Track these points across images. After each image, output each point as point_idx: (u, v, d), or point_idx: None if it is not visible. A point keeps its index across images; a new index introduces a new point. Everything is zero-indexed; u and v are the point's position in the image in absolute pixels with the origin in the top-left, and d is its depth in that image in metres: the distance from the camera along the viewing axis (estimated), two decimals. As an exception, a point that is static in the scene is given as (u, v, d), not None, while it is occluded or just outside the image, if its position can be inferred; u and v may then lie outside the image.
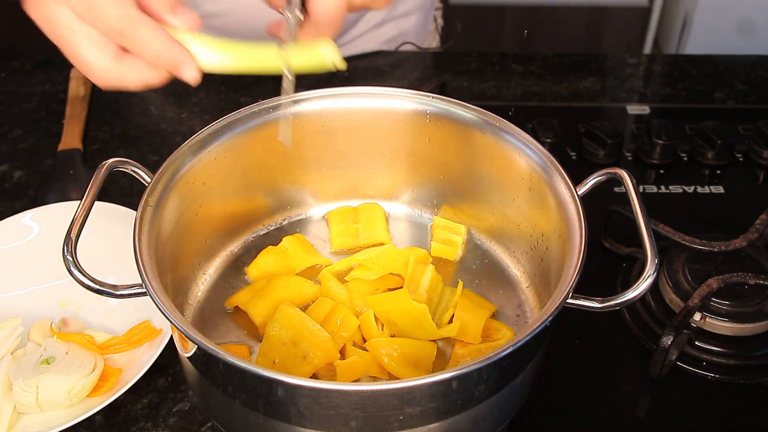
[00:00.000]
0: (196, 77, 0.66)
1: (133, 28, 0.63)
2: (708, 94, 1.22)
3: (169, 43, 0.64)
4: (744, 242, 0.87)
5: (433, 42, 1.37)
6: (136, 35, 0.63)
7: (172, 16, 0.66)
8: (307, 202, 0.89)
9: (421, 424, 0.61)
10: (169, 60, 0.65)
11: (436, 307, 0.77)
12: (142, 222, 0.68)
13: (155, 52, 0.64)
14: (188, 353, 0.65)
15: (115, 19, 0.62)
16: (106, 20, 0.62)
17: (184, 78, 0.66)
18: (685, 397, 0.79)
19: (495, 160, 0.79)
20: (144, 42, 0.63)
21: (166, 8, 0.65)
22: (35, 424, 0.73)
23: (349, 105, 0.81)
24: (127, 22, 0.62)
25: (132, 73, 0.65)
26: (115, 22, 0.62)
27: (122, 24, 0.62)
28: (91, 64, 0.64)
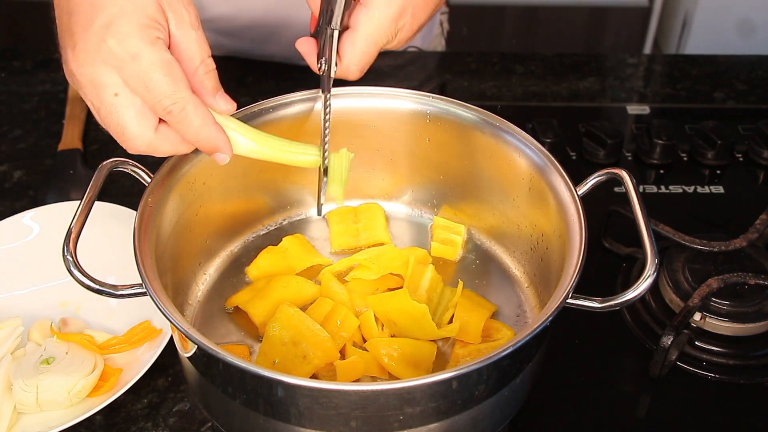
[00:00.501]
0: (226, 161, 0.69)
1: (182, 108, 0.63)
2: (708, 94, 1.22)
3: (213, 128, 0.66)
4: (744, 242, 0.87)
5: (438, 46, 1.38)
6: (183, 116, 0.63)
7: (215, 99, 0.66)
8: (307, 202, 0.89)
9: (421, 424, 0.61)
10: (210, 144, 0.66)
11: (436, 307, 0.77)
12: (142, 222, 0.68)
13: (198, 135, 0.65)
14: (188, 353, 0.65)
15: (166, 97, 0.62)
16: (157, 95, 0.62)
17: (216, 161, 0.68)
18: (685, 397, 0.79)
19: (495, 160, 0.79)
20: (190, 123, 0.64)
21: (211, 92, 0.66)
22: (35, 424, 0.73)
23: (349, 105, 0.81)
24: (179, 103, 0.63)
25: (166, 145, 0.65)
26: (167, 100, 0.62)
27: (173, 103, 0.62)
28: (128, 131, 0.64)
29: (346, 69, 0.73)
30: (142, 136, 0.64)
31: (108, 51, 0.62)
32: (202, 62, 0.65)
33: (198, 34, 0.65)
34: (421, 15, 0.75)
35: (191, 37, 0.65)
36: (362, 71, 0.73)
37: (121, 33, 0.61)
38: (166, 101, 0.62)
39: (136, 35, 0.61)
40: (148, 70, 0.61)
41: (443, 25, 1.39)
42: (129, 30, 0.61)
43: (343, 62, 0.72)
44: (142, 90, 0.62)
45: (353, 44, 0.71)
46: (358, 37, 0.71)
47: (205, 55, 0.65)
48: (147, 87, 0.62)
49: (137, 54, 0.61)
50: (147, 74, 0.61)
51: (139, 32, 0.62)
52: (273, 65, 1.21)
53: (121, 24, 0.62)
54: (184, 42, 0.64)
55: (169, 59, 0.62)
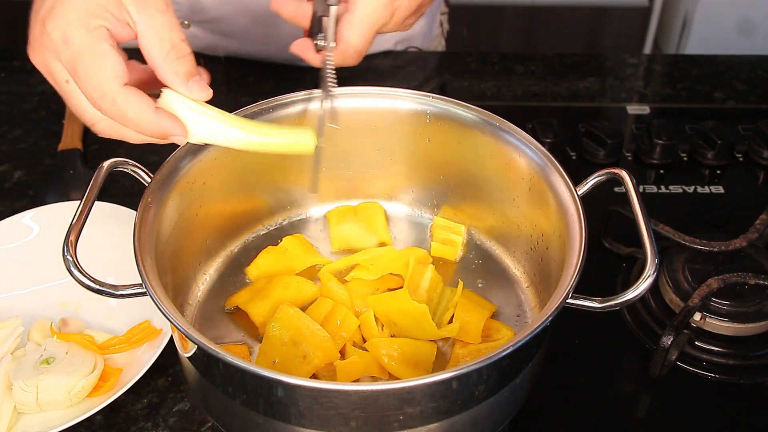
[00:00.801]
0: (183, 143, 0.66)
1: (111, 100, 0.61)
2: (708, 94, 1.22)
3: (152, 117, 0.62)
4: (744, 242, 0.87)
5: (438, 46, 1.38)
6: (115, 109, 0.61)
7: (187, 86, 0.63)
8: (307, 202, 0.89)
9: (421, 424, 0.61)
10: (153, 132, 0.64)
11: (436, 307, 0.77)
12: (142, 222, 0.68)
13: (138, 125, 0.62)
14: (188, 353, 0.65)
15: (93, 89, 0.60)
16: (86, 86, 0.60)
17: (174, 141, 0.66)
18: (685, 397, 0.79)
19: (495, 160, 0.79)
20: (125, 115, 0.61)
21: (184, 78, 0.63)
22: (35, 424, 0.73)
23: (349, 105, 0.81)
24: (107, 96, 0.61)
25: (130, 131, 0.64)
26: (94, 92, 0.60)
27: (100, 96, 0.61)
28: (86, 115, 0.63)
29: (344, 52, 0.72)
30: (101, 121, 0.63)
31: (47, 36, 0.61)
32: (173, 47, 0.62)
33: (167, 18, 0.62)
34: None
35: (158, 22, 0.62)
36: (360, 55, 0.72)
37: (59, 17, 0.60)
38: (93, 93, 0.61)
39: (74, 20, 0.60)
40: (76, 56, 0.60)
41: (443, 26, 1.39)
42: (69, 16, 0.60)
43: (341, 45, 0.71)
44: (74, 77, 0.61)
45: (350, 25, 0.71)
46: (354, 18, 0.71)
47: (176, 39, 0.63)
48: (77, 75, 0.60)
49: (69, 39, 0.60)
50: (75, 61, 0.60)
51: (77, 17, 0.60)
52: (273, 65, 1.21)
53: (61, 8, 0.60)
54: (151, 27, 0.62)
55: (103, 49, 0.60)
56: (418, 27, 1.30)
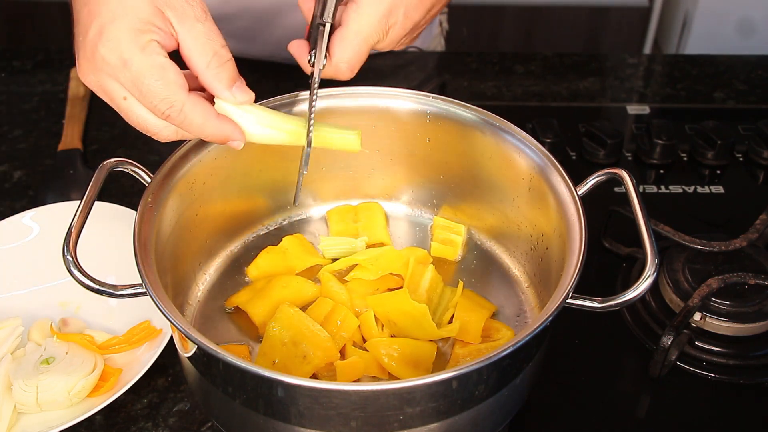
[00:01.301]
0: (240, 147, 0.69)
1: (179, 110, 0.63)
2: (708, 94, 1.22)
3: (216, 122, 0.66)
4: (744, 242, 0.87)
5: (438, 46, 1.38)
6: (182, 117, 0.64)
7: (231, 92, 0.66)
8: (307, 202, 0.89)
9: (421, 424, 0.61)
10: (216, 137, 0.67)
11: (436, 307, 0.77)
12: (142, 222, 0.68)
13: (203, 131, 0.65)
14: (188, 353, 0.65)
15: (161, 102, 0.62)
16: (152, 100, 0.62)
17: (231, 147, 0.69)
18: (685, 397, 0.79)
19: (495, 160, 0.79)
20: (191, 123, 0.64)
21: (227, 84, 0.65)
22: (35, 424, 0.73)
23: (349, 105, 0.81)
24: (175, 106, 0.63)
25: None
26: (162, 104, 0.62)
27: (169, 107, 0.63)
28: (150, 127, 0.65)
29: (336, 67, 0.72)
30: (166, 128, 0.65)
31: (101, 59, 0.62)
32: (215, 55, 0.64)
33: (206, 27, 0.64)
34: (414, 15, 0.74)
35: (198, 31, 0.64)
36: (353, 70, 0.72)
37: (112, 40, 0.61)
38: (161, 105, 0.62)
39: (127, 40, 0.61)
40: (138, 75, 0.61)
41: (443, 25, 1.39)
42: (119, 35, 0.61)
43: (333, 60, 0.71)
44: (138, 95, 0.62)
45: (342, 40, 0.71)
46: (347, 33, 0.71)
47: (218, 46, 0.65)
48: (141, 92, 0.62)
49: (128, 60, 0.61)
50: (138, 80, 0.62)
51: (129, 37, 0.61)
52: (273, 65, 1.21)
53: (111, 30, 0.61)
54: (192, 36, 0.64)
55: (161, 63, 0.62)
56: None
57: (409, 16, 0.74)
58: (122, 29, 0.61)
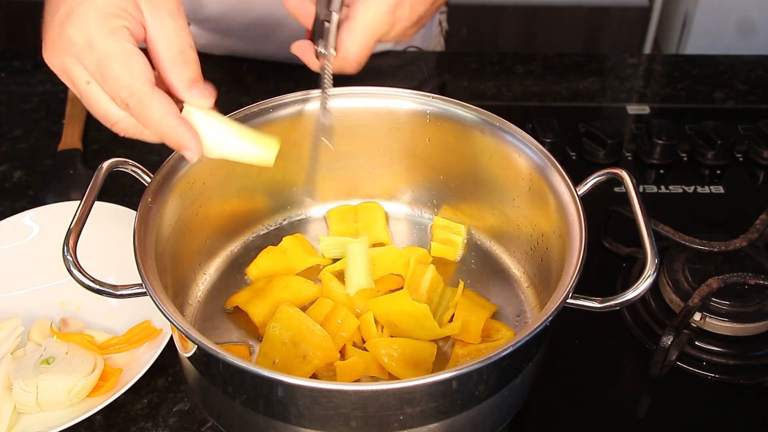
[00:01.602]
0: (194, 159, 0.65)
1: (138, 100, 0.60)
2: (708, 94, 1.22)
3: (175, 122, 0.62)
4: (744, 242, 0.87)
5: (437, 46, 1.38)
6: (141, 109, 0.61)
7: (189, 92, 0.63)
8: (307, 202, 0.89)
9: (421, 424, 0.61)
10: (173, 140, 0.63)
11: (436, 307, 0.77)
12: (142, 222, 0.68)
13: (159, 128, 0.62)
14: (188, 353, 0.65)
15: (122, 89, 0.60)
16: (113, 86, 0.60)
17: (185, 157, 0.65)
18: (685, 397, 0.79)
19: (495, 160, 0.79)
20: (149, 117, 0.61)
21: (186, 84, 0.63)
22: (35, 424, 0.73)
23: (349, 105, 0.81)
24: (135, 95, 0.60)
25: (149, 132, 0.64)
26: (123, 91, 0.60)
27: (129, 95, 0.60)
28: (110, 115, 0.63)
29: (343, 60, 0.72)
30: (124, 119, 0.63)
31: (68, 39, 0.60)
32: (180, 52, 0.62)
33: (177, 23, 0.62)
34: (419, 8, 0.74)
35: (169, 25, 0.62)
36: (360, 63, 0.72)
37: (80, 20, 0.60)
38: (122, 92, 0.60)
39: (96, 23, 0.60)
40: (103, 58, 0.60)
41: (442, 25, 1.39)
42: (89, 17, 0.60)
43: (341, 53, 0.71)
44: (99, 79, 0.61)
45: (350, 34, 0.71)
46: (355, 26, 0.71)
47: (185, 44, 0.63)
48: (104, 76, 0.60)
49: (94, 42, 0.59)
50: (102, 64, 0.60)
51: (99, 20, 0.60)
52: (273, 65, 1.21)
53: (80, 12, 0.60)
54: (160, 31, 0.62)
55: (129, 50, 0.60)
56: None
57: (415, 8, 0.74)
58: (93, 11, 0.60)
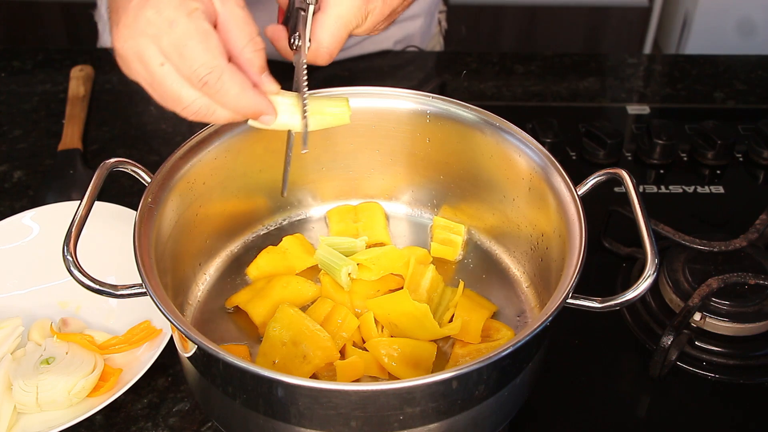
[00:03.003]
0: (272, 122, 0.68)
1: (218, 77, 0.62)
2: (708, 94, 1.22)
3: (253, 93, 0.65)
4: (744, 242, 0.87)
5: (437, 45, 1.38)
6: (220, 85, 0.63)
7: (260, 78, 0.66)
8: (307, 202, 0.89)
9: (421, 424, 0.61)
10: (252, 110, 0.66)
11: (436, 307, 0.77)
12: (142, 222, 0.68)
13: (238, 103, 0.64)
14: (188, 353, 0.65)
15: (201, 66, 0.62)
16: (193, 64, 0.62)
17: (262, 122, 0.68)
18: (685, 397, 0.79)
19: (495, 160, 0.79)
20: (228, 92, 0.63)
21: (258, 71, 0.66)
22: (35, 424, 0.73)
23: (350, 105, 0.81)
24: (214, 72, 0.62)
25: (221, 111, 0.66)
26: (202, 68, 0.62)
27: (209, 72, 0.62)
28: (183, 97, 0.64)
29: (315, 51, 0.72)
30: (197, 101, 0.64)
31: (146, 21, 0.62)
32: (251, 40, 0.65)
33: (245, 13, 0.65)
34: (392, 2, 0.75)
35: (238, 15, 0.65)
36: (331, 55, 0.73)
37: (160, 3, 0.62)
38: (201, 70, 0.62)
39: (174, 5, 0.62)
40: (183, 37, 0.61)
41: (441, 24, 1.39)
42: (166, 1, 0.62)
43: (313, 45, 0.72)
44: (178, 60, 0.62)
45: (322, 25, 0.71)
46: (327, 18, 0.71)
47: (254, 32, 0.65)
48: (182, 55, 0.62)
49: (173, 21, 0.61)
50: (182, 42, 0.61)
51: (177, 2, 0.62)
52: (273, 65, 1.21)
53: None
54: (231, 19, 0.64)
55: (206, 29, 0.62)
56: (417, 26, 1.30)
57: (388, 2, 0.74)
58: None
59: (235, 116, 0.66)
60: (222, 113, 0.66)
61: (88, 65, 1.20)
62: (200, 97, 0.64)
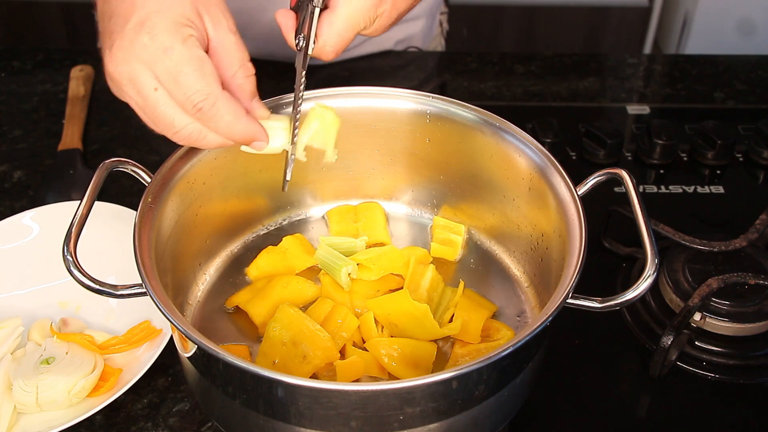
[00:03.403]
0: (264, 148, 0.69)
1: (212, 103, 0.63)
2: (708, 94, 1.22)
3: (246, 120, 0.66)
4: (744, 242, 0.87)
5: (438, 46, 1.38)
6: (214, 111, 0.63)
7: (251, 104, 0.67)
8: (307, 202, 0.89)
9: (421, 424, 0.61)
10: (243, 136, 0.67)
11: (436, 307, 0.77)
12: (142, 222, 0.68)
13: (231, 129, 0.65)
14: (188, 353, 0.65)
15: (196, 93, 0.62)
16: (187, 91, 0.62)
17: (254, 148, 0.69)
18: (685, 397, 0.79)
19: (495, 160, 0.79)
20: (222, 119, 0.64)
21: (249, 96, 0.67)
22: (35, 424, 0.73)
23: (350, 105, 0.81)
24: (209, 99, 0.63)
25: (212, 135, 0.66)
26: (197, 95, 0.63)
27: (203, 99, 0.63)
28: (176, 122, 0.64)
29: (321, 49, 0.73)
30: (189, 126, 0.65)
31: (141, 46, 0.62)
32: (242, 66, 0.66)
33: (236, 39, 0.66)
34: (401, 6, 0.75)
35: (230, 41, 0.66)
36: (337, 53, 0.73)
37: (155, 28, 0.62)
38: (196, 96, 0.63)
39: (169, 31, 0.62)
40: (178, 64, 0.62)
41: (443, 25, 1.39)
42: (163, 26, 0.62)
43: (319, 42, 0.72)
44: (173, 87, 0.63)
45: (331, 25, 0.72)
46: (336, 18, 0.71)
47: (245, 58, 0.66)
48: (177, 81, 0.62)
49: (169, 48, 0.62)
50: (177, 68, 0.62)
51: (172, 28, 0.62)
52: (273, 65, 1.21)
53: (155, 20, 0.62)
54: (223, 45, 0.65)
55: (201, 56, 0.63)
56: (418, 27, 1.30)
57: (397, 6, 0.75)
58: (166, 21, 0.62)
59: (226, 142, 0.67)
60: (213, 138, 0.66)
61: (88, 65, 1.20)
62: (192, 122, 0.65)
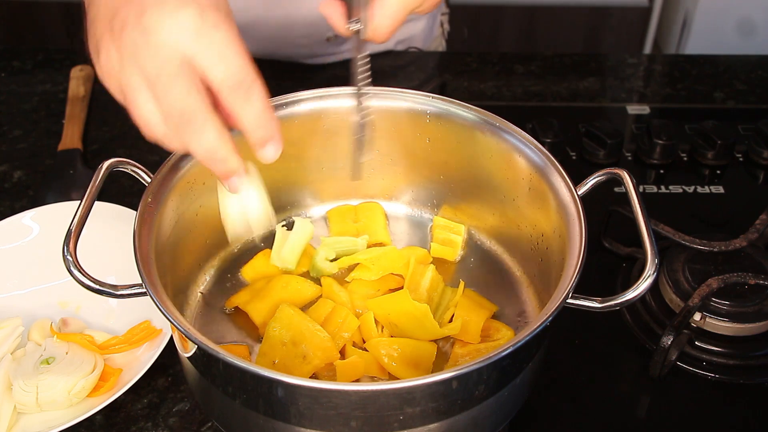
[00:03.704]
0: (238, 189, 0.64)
1: (191, 119, 0.58)
2: (708, 94, 1.22)
3: (229, 149, 0.60)
4: (744, 242, 0.87)
5: (438, 47, 1.38)
6: (190, 128, 0.58)
7: None
8: (307, 202, 0.89)
9: (421, 424, 0.61)
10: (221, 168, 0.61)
11: (436, 307, 0.77)
12: (142, 222, 0.68)
13: (209, 152, 0.60)
14: (188, 353, 0.65)
15: (176, 102, 0.58)
16: (167, 98, 0.58)
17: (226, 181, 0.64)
18: (685, 397, 0.79)
19: (495, 160, 0.79)
20: (200, 138, 0.58)
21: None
22: (35, 424, 0.73)
23: (350, 105, 0.81)
24: (188, 113, 0.58)
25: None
26: (177, 104, 0.58)
27: (182, 111, 0.58)
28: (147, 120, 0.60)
29: (374, 31, 0.71)
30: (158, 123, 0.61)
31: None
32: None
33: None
34: None
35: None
36: (391, 34, 0.72)
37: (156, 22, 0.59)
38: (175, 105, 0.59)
39: None
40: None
41: (444, 26, 1.39)
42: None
43: (372, 24, 0.71)
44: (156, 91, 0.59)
45: (383, 6, 0.71)
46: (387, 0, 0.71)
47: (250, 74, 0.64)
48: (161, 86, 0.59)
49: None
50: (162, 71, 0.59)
51: None
52: (273, 65, 1.21)
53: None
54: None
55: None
56: (419, 27, 1.30)
57: None
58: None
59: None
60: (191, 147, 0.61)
61: (88, 65, 1.20)
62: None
